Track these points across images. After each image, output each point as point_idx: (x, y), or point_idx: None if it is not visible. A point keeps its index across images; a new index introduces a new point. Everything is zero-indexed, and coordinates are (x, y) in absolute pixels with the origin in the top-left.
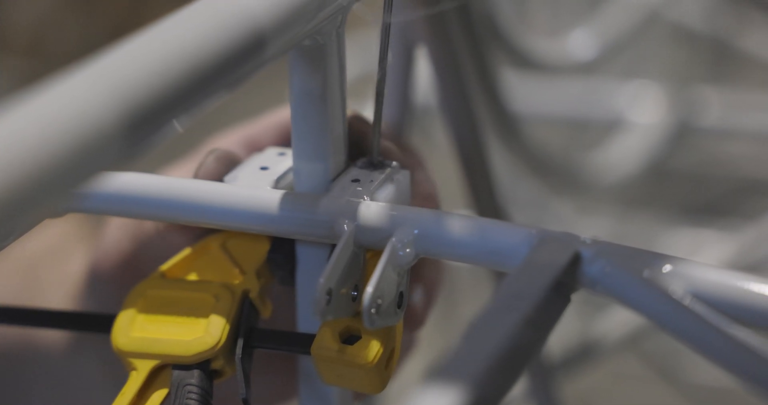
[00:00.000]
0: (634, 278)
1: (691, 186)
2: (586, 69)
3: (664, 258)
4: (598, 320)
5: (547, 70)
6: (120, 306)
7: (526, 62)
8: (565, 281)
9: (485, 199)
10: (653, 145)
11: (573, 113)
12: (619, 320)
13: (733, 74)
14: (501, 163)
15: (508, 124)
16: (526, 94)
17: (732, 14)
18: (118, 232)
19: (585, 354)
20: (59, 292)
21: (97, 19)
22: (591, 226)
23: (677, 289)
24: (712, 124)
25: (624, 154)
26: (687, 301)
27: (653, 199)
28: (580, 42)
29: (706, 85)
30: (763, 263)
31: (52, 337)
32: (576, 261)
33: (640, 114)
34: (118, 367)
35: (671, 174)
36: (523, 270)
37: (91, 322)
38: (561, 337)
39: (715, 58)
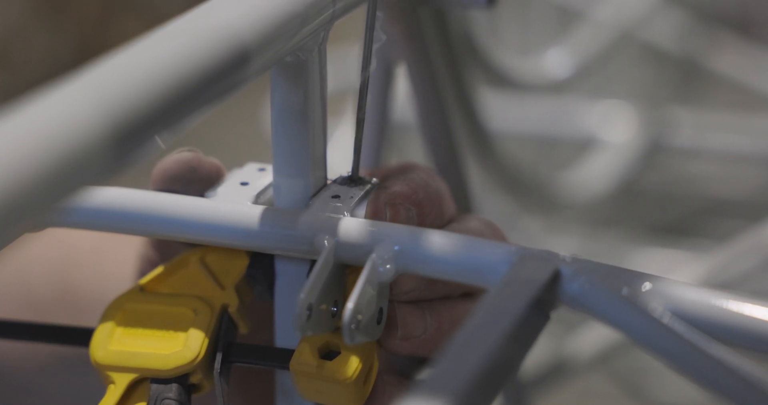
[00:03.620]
0: (613, 296)
1: (660, 206)
2: (558, 88)
3: (643, 276)
4: (569, 339)
5: (519, 89)
6: None
7: (500, 80)
8: (545, 298)
9: None
10: (623, 164)
11: (544, 132)
12: (589, 339)
13: (702, 94)
14: (473, 180)
15: (483, 142)
16: (499, 112)
17: (702, 35)
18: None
19: (556, 372)
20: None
21: (63, 31)
22: (559, 245)
23: (656, 307)
24: (682, 143)
25: (594, 173)
26: (666, 319)
27: (621, 218)
28: (553, 61)
29: (676, 105)
30: (731, 285)
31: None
32: (556, 278)
33: (611, 133)
34: None
35: (639, 193)
36: (504, 287)
37: (70, 335)
38: (532, 355)
39: (685, 78)
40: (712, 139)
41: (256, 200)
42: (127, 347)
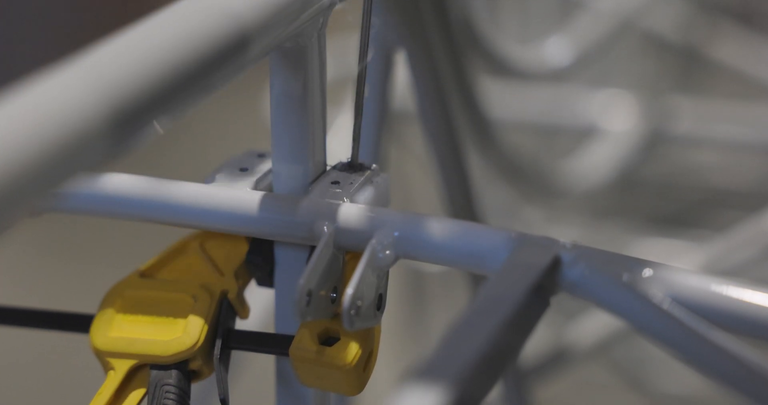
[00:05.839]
0: (613, 282)
1: (660, 195)
2: (559, 77)
3: (643, 263)
4: (569, 328)
5: (520, 77)
6: None
7: (500, 69)
8: (545, 285)
9: (462, 205)
10: (624, 153)
11: (545, 120)
12: (589, 328)
13: (703, 84)
14: (473, 169)
15: (483, 130)
16: (499, 100)
17: (703, 24)
18: None
19: (555, 361)
20: None
21: None
22: (560, 234)
23: (656, 293)
24: (683, 133)
25: (595, 162)
26: (666, 306)
27: (622, 208)
28: (554, 50)
29: (677, 95)
30: (731, 274)
31: None
32: (556, 265)
33: (612, 122)
34: None
35: (640, 183)
36: (504, 273)
37: (70, 321)
38: (531, 344)
39: (686, 68)
40: (713, 129)
41: (256, 186)
42: (126, 333)
